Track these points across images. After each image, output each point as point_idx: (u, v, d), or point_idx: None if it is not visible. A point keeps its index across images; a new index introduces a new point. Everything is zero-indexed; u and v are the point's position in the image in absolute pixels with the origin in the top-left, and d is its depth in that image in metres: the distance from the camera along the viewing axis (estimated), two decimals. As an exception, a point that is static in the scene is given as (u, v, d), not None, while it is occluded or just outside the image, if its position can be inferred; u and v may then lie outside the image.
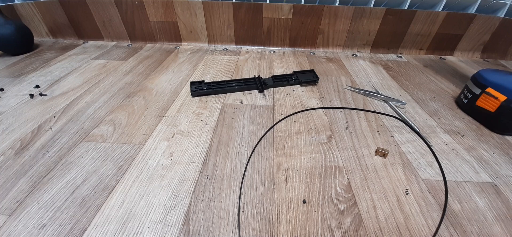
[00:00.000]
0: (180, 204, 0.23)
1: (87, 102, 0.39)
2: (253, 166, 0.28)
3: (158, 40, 0.63)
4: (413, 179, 0.26)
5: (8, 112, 0.36)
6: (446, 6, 0.55)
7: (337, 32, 0.59)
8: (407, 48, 0.61)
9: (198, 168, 0.27)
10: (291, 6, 0.55)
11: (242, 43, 0.62)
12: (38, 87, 0.43)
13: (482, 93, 0.35)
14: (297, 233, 0.21)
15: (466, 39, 0.59)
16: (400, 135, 0.33)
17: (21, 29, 0.55)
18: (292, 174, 0.27)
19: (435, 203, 0.24)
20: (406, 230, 0.22)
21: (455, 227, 0.22)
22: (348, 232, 0.21)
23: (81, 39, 0.65)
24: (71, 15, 0.60)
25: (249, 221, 0.22)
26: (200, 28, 0.60)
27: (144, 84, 0.44)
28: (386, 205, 0.24)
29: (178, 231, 0.21)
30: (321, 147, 0.30)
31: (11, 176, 0.26)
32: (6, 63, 0.52)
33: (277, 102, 0.39)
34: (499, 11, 0.56)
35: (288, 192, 0.25)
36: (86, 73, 0.48)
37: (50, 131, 0.33)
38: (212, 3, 0.56)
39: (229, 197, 0.24)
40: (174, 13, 0.58)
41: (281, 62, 0.54)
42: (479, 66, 0.56)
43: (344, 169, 0.27)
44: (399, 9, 0.55)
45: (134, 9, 0.58)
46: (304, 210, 0.23)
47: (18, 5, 0.60)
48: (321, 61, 0.56)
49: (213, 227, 0.22)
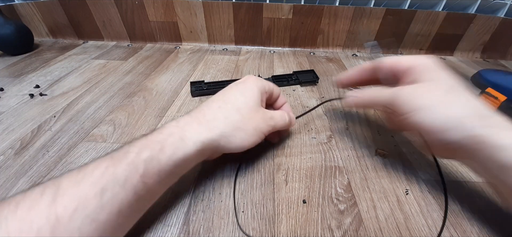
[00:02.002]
0: (180, 204, 0.23)
1: (87, 102, 0.39)
2: (253, 166, 0.28)
3: (158, 40, 0.63)
4: (413, 179, 0.26)
5: (8, 112, 0.36)
6: (446, 6, 0.55)
7: (337, 32, 0.59)
8: (407, 48, 0.61)
9: (198, 168, 0.27)
10: (291, 6, 0.55)
11: (242, 43, 0.62)
12: (38, 87, 0.43)
13: (482, 93, 0.35)
14: (297, 233, 0.21)
15: (466, 39, 0.59)
16: (400, 135, 0.33)
17: (21, 29, 0.55)
18: (292, 174, 0.27)
19: (435, 203, 0.24)
20: (406, 230, 0.22)
21: (455, 227, 0.22)
22: (348, 232, 0.21)
23: (81, 39, 0.65)
24: (71, 15, 0.60)
25: (249, 221, 0.22)
26: (200, 28, 0.60)
27: (144, 84, 0.44)
28: (386, 205, 0.24)
29: (178, 231, 0.21)
30: (321, 147, 0.30)
31: (11, 176, 0.26)
32: (6, 63, 0.52)
33: (277, 102, 0.39)
34: (499, 11, 0.56)
35: (288, 192, 0.25)
36: (86, 73, 0.48)
37: (50, 131, 0.33)
38: (212, 3, 0.56)
39: (229, 197, 0.24)
40: (174, 13, 0.58)
41: (281, 62, 0.54)
42: (479, 66, 0.56)
43: (344, 169, 0.27)
44: (399, 9, 0.55)
45: (134, 9, 0.58)
46: (304, 210, 0.23)
47: (18, 5, 0.60)
48: (321, 61, 0.56)
49: (213, 227, 0.22)
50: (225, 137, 0.22)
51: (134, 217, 0.19)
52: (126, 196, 0.16)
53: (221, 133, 0.22)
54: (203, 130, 0.21)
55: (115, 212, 0.16)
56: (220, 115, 0.23)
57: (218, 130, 0.22)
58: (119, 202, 0.16)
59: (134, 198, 0.17)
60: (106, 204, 0.16)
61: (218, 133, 0.21)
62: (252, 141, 0.23)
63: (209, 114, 0.23)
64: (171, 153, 0.19)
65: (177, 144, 0.19)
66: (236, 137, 0.22)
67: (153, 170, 0.18)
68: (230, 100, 0.24)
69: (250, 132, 0.23)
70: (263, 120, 0.24)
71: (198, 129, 0.21)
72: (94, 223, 0.15)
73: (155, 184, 0.18)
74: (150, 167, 0.18)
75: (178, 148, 0.19)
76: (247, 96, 0.25)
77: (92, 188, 0.16)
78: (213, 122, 0.22)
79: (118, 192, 0.16)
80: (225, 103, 0.24)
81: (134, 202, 0.17)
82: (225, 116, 0.23)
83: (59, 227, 0.14)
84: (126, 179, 0.17)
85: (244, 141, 0.23)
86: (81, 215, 0.15)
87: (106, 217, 0.16)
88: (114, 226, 0.17)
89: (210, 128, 0.21)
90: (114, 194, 0.16)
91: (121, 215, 0.17)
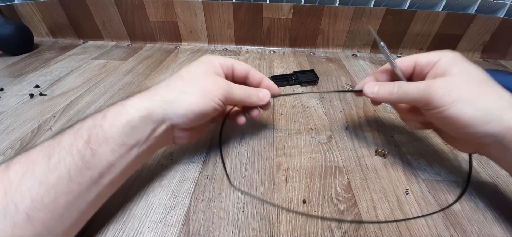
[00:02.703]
0: (180, 204, 0.23)
1: (87, 102, 0.39)
2: (253, 166, 0.28)
3: (158, 40, 0.63)
4: (413, 179, 0.26)
5: (8, 112, 0.36)
6: (446, 6, 0.55)
7: (337, 32, 0.59)
8: (407, 48, 0.61)
9: (198, 168, 0.27)
10: (291, 6, 0.55)
11: (242, 43, 0.62)
12: (38, 87, 0.43)
13: (482, 93, 0.35)
14: (297, 233, 0.21)
15: (466, 39, 0.59)
16: (400, 135, 0.33)
17: (21, 29, 0.55)
18: (292, 174, 0.27)
19: (435, 203, 0.24)
20: (406, 230, 0.22)
21: (455, 227, 0.22)
22: (348, 232, 0.21)
23: (81, 39, 0.65)
24: (71, 15, 0.60)
25: (249, 221, 0.22)
26: (200, 28, 0.60)
27: (144, 84, 0.44)
28: (386, 205, 0.24)
29: (178, 231, 0.21)
30: (321, 147, 0.30)
31: (11, 176, 0.26)
32: (6, 63, 0.52)
33: (277, 102, 0.39)
34: (499, 11, 0.56)
35: (288, 192, 0.25)
36: (86, 73, 0.48)
37: (50, 131, 0.33)
38: (212, 3, 0.56)
39: (229, 197, 0.24)
40: (174, 13, 0.58)
41: (281, 62, 0.54)
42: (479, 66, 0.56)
43: (344, 169, 0.27)
44: (399, 9, 0.55)
45: (134, 9, 0.58)
46: (304, 210, 0.23)
47: (18, 5, 0.60)
48: (321, 61, 0.56)
49: (213, 227, 0.22)
50: (169, 102, 0.21)
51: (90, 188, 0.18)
52: (73, 160, 0.17)
53: (163, 99, 0.21)
54: (145, 98, 0.21)
55: (65, 177, 0.17)
56: (162, 84, 0.23)
57: (160, 96, 0.21)
58: (66, 166, 0.17)
59: (83, 164, 0.17)
60: (54, 168, 0.16)
61: (159, 99, 0.21)
62: (201, 103, 0.22)
63: (153, 88, 0.23)
64: (112, 120, 0.19)
65: (117, 110, 0.20)
66: (181, 100, 0.21)
67: (97, 137, 0.18)
68: (175, 74, 0.24)
69: (197, 94, 0.22)
70: (213, 84, 0.23)
71: (141, 98, 0.21)
72: (43, 185, 0.16)
73: (107, 154, 0.19)
74: (94, 134, 0.18)
75: (120, 113, 0.20)
76: (192, 67, 0.24)
77: (40, 153, 0.17)
78: (154, 90, 0.22)
79: (64, 156, 0.17)
80: (170, 77, 0.24)
81: (85, 169, 0.17)
82: (167, 84, 0.23)
83: (11, 189, 0.15)
84: (71, 144, 0.17)
85: (191, 104, 0.21)
86: (30, 178, 0.16)
87: (55, 180, 0.16)
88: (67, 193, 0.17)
89: (152, 96, 0.21)
90: (61, 158, 0.17)
91: (73, 181, 0.17)
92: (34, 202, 0.15)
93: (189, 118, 0.22)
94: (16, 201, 0.15)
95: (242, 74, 0.27)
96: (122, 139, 0.19)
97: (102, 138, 0.18)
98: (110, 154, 0.19)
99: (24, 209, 0.15)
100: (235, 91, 0.24)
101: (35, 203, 0.15)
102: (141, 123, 0.20)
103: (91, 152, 0.18)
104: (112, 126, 0.19)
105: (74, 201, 0.17)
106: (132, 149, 0.20)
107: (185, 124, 0.22)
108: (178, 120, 0.22)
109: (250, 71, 0.27)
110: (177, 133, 0.24)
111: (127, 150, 0.20)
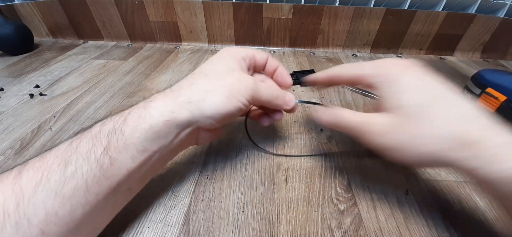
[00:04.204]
0: (180, 204, 0.23)
1: (87, 102, 0.39)
2: (253, 166, 0.28)
3: (158, 40, 0.63)
4: (413, 179, 0.26)
5: (8, 112, 0.36)
6: (446, 6, 0.55)
7: (337, 32, 0.59)
8: (407, 48, 0.61)
9: (198, 168, 0.27)
10: (291, 6, 0.55)
11: (242, 43, 0.62)
12: (38, 87, 0.43)
13: (482, 93, 0.35)
14: (297, 233, 0.21)
15: (466, 39, 0.59)
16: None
17: (21, 29, 0.55)
18: (292, 174, 0.27)
19: (435, 203, 0.24)
20: (406, 230, 0.22)
21: (455, 227, 0.22)
22: (348, 232, 0.21)
23: (81, 39, 0.65)
24: (71, 15, 0.60)
25: (249, 221, 0.22)
26: (200, 28, 0.60)
27: (144, 84, 0.44)
28: (386, 205, 0.24)
29: (178, 231, 0.21)
30: (321, 147, 0.30)
31: (11, 176, 0.26)
32: (6, 63, 0.52)
33: (277, 102, 0.39)
34: (499, 11, 0.56)
35: (288, 192, 0.25)
36: (86, 73, 0.48)
37: (50, 131, 0.33)
38: (212, 3, 0.56)
39: (229, 197, 0.24)
40: (174, 13, 0.58)
41: (281, 62, 0.54)
42: (479, 66, 0.56)
43: (344, 169, 0.27)
44: (399, 9, 0.55)
45: (134, 9, 0.58)
46: (304, 210, 0.23)
47: (18, 5, 0.60)
48: (321, 61, 0.56)
49: (213, 227, 0.22)
50: (194, 103, 0.19)
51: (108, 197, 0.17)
52: (91, 169, 0.16)
53: (188, 100, 0.19)
54: (168, 99, 0.20)
55: (82, 187, 0.15)
56: (185, 83, 0.21)
57: (184, 97, 0.20)
58: (84, 175, 0.15)
59: (101, 173, 0.16)
60: (70, 178, 0.15)
61: (184, 100, 0.19)
62: (227, 104, 0.20)
63: (175, 87, 0.21)
64: (134, 124, 0.18)
65: (140, 113, 0.18)
66: (206, 101, 0.20)
67: (117, 143, 0.17)
68: (197, 70, 0.23)
69: (223, 93, 0.20)
70: (239, 82, 0.21)
71: (164, 100, 0.20)
72: (59, 197, 0.15)
73: (127, 161, 0.17)
74: (114, 140, 0.17)
75: (142, 118, 0.18)
76: (215, 62, 0.23)
77: (56, 160, 0.15)
78: (178, 91, 0.20)
79: (81, 165, 0.15)
80: (192, 74, 0.22)
81: (103, 178, 0.16)
82: (191, 83, 0.21)
83: (23, 200, 0.14)
84: (89, 151, 0.16)
85: (217, 104, 0.20)
86: (45, 188, 0.14)
87: (71, 191, 0.15)
88: (84, 204, 0.15)
89: (175, 97, 0.20)
90: (78, 166, 0.15)
91: (90, 192, 0.16)
92: (49, 215, 0.14)
93: (215, 120, 0.20)
94: (29, 214, 0.14)
95: (262, 64, 0.26)
96: (144, 146, 0.18)
97: (122, 145, 0.17)
98: (130, 161, 0.17)
99: (38, 224, 0.14)
100: (262, 91, 0.23)
101: (49, 217, 0.14)
102: (165, 128, 0.19)
103: (110, 160, 0.16)
104: (134, 131, 0.17)
105: (90, 212, 0.16)
106: (153, 155, 0.19)
107: (211, 125, 0.21)
108: (205, 121, 0.20)
109: (268, 58, 0.26)
110: (201, 134, 0.23)
111: (148, 157, 0.18)
